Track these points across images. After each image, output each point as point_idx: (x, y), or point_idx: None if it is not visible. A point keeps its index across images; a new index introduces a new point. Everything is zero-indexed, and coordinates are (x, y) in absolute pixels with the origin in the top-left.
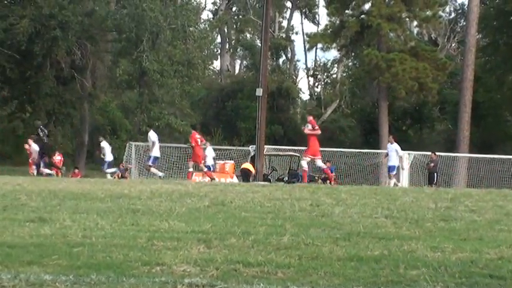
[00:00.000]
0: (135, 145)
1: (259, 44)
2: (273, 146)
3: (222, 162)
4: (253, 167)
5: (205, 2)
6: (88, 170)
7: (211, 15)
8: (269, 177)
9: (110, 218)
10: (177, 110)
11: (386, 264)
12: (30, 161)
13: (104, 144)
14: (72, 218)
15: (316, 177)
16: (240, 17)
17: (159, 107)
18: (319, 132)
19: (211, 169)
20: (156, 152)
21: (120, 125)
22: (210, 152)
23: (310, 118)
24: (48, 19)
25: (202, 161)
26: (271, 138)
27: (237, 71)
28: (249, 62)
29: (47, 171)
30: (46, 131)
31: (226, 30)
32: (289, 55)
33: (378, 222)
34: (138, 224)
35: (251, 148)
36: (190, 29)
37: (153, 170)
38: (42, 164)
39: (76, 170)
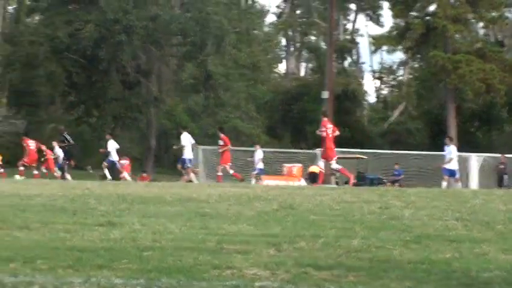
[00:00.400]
0: (202, 149)
1: (324, 47)
2: (340, 149)
3: (289, 165)
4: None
5: (270, 5)
6: (156, 174)
7: (275, 18)
8: (337, 180)
9: (179, 221)
10: (243, 113)
11: (458, 267)
12: (25, 160)
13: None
14: (142, 222)
15: (385, 180)
16: (305, 19)
17: (225, 110)
18: (337, 133)
19: (262, 172)
20: (188, 154)
21: (187, 128)
22: (259, 155)
23: (325, 119)
24: (112, 24)
25: (229, 164)
26: (337, 141)
27: (302, 74)
28: (314, 64)
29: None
30: (69, 138)
31: (291, 32)
32: (354, 57)
33: (449, 225)
34: (207, 228)
35: (318, 151)
36: (255, 32)
37: (189, 171)
38: (66, 168)
39: (144, 174)
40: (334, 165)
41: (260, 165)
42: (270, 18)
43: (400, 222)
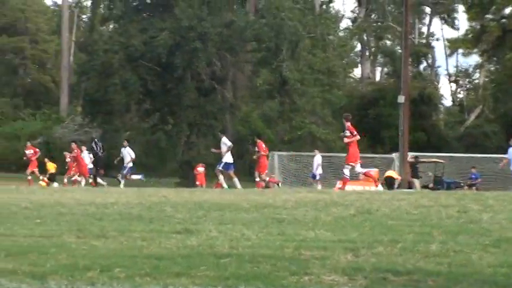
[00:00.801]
0: (278, 155)
1: (400, 51)
2: (417, 153)
3: (366, 170)
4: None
5: (344, 10)
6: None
7: (350, 23)
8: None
9: (256, 228)
10: (318, 119)
11: None
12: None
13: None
14: (218, 229)
15: (462, 184)
16: (379, 24)
17: (301, 115)
18: (358, 138)
19: (318, 178)
20: (228, 157)
21: (263, 134)
22: (318, 160)
23: (348, 124)
24: (187, 31)
25: (266, 171)
26: (414, 145)
27: (378, 78)
28: (389, 68)
29: (101, 181)
30: (100, 145)
31: (365, 37)
32: (430, 61)
33: None
34: (284, 234)
35: (395, 155)
36: (330, 37)
37: (221, 177)
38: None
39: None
40: (358, 168)
41: (319, 170)
42: (345, 23)
43: (479, 226)
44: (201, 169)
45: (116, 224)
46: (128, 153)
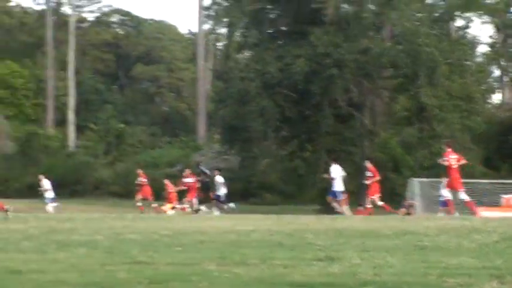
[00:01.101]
0: (418, 181)
1: None
2: None
3: (508, 196)
4: None
5: (481, 35)
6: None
7: (488, 48)
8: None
9: (399, 255)
10: (457, 145)
11: None
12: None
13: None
14: (361, 256)
15: None
16: None
17: (440, 142)
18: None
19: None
20: (338, 186)
21: (402, 161)
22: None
23: (448, 150)
24: (323, 58)
25: (378, 195)
26: None
27: None
28: None
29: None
30: (207, 172)
31: (504, 62)
32: None
33: None
34: (427, 261)
35: None
36: (467, 63)
37: (335, 204)
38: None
39: (360, 207)
40: (463, 195)
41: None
42: (482, 48)
43: None
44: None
45: (257, 252)
46: (220, 182)
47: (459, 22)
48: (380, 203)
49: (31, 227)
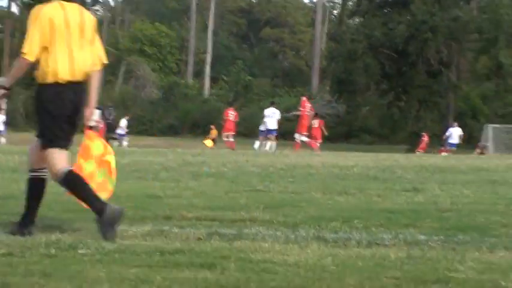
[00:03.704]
0: (492, 127)
1: None
2: None
3: None
4: None
5: None
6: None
7: None
8: None
9: (472, 187)
10: None
11: None
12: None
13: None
14: (441, 188)
15: None
16: None
17: None
18: None
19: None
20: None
21: (480, 110)
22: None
23: None
24: (420, 24)
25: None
26: None
27: None
28: None
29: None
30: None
31: None
32: None
33: None
34: (496, 193)
35: None
36: None
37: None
38: None
39: (442, 148)
40: None
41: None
42: None
43: None
44: (425, 138)
45: (356, 183)
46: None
47: None
48: (304, 139)
49: (169, 160)
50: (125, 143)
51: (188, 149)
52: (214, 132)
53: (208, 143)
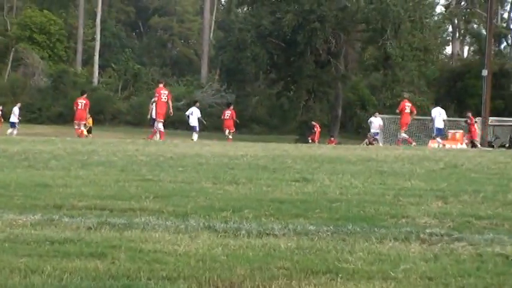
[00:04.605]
0: (380, 117)
1: (484, 33)
2: (496, 118)
3: (453, 131)
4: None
5: None
6: (341, 138)
7: (443, 9)
8: (493, 143)
9: (361, 178)
10: (415, 89)
11: None
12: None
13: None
14: (330, 179)
15: None
16: (468, 10)
17: (400, 85)
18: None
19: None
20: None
21: (368, 100)
22: (377, 121)
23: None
24: (308, 14)
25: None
26: (494, 112)
27: (465, 55)
28: (475, 47)
29: None
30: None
31: (456, 21)
32: (509, 41)
33: None
34: (385, 184)
35: (478, 119)
36: (427, 20)
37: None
38: None
39: (331, 138)
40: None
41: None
42: (439, 9)
43: None
44: (317, 129)
45: (245, 173)
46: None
47: None
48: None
49: (58, 148)
50: (14, 132)
51: (77, 138)
52: (89, 122)
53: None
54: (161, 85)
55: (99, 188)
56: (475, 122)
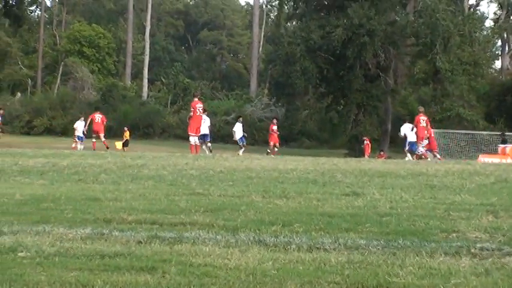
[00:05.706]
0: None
1: None
2: None
3: (503, 145)
4: None
5: (488, 12)
6: (391, 153)
7: (492, 23)
8: None
9: (412, 192)
10: (465, 103)
11: None
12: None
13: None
14: (381, 193)
15: None
16: None
17: (450, 99)
18: None
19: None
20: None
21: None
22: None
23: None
24: (358, 28)
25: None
26: None
27: None
28: None
29: None
30: None
31: (505, 35)
32: None
33: None
34: (435, 198)
35: None
36: (476, 34)
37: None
38: None
39: (381, 152)
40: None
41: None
42: (488, 23)
43: None
44: (365, 142)
45: (295, 187)
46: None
47: (471, 0)
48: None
49: (108, 162)
50: (80, 146)
51: (126, 152)
52: (126, 135)
53: (119, 145)
54: (196, 99)
55: (149, 202)
56: None
